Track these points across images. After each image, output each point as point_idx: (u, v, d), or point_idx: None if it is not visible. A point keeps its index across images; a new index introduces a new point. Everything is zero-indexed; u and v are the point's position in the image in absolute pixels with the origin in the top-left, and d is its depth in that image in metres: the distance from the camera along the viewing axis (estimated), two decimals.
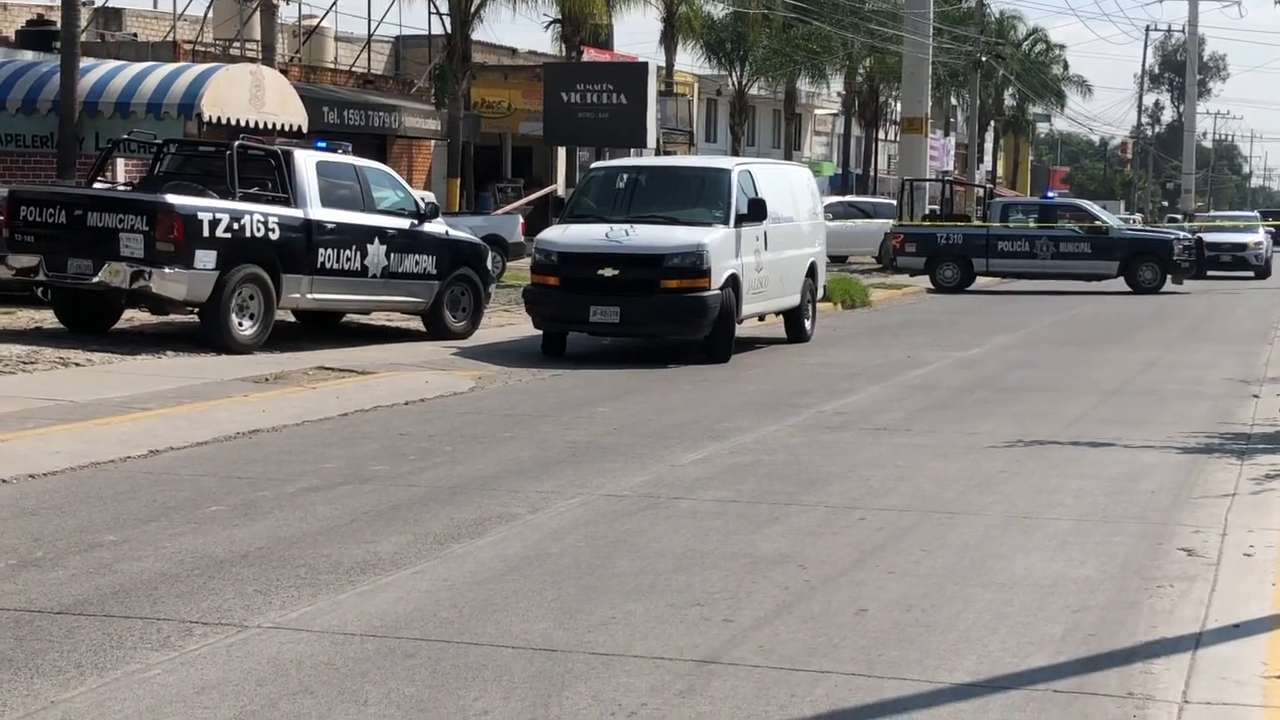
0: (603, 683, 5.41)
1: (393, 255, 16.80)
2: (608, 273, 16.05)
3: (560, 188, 37.64)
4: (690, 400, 13.40)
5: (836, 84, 59.61)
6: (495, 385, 14.20)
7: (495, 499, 8.69)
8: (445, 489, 8.96)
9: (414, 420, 11.85)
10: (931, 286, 31.23)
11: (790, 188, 19.06)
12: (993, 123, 72.77)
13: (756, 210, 16.96)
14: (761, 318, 18.88)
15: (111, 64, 23.81)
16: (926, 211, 37.14)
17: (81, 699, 5.11)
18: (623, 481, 9.31)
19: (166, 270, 14.71)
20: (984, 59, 56.83)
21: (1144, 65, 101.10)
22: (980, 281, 31.81)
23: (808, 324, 19.31)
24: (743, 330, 17.61)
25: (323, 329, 17.55)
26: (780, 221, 17.97)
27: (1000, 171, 76.88)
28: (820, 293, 20.28)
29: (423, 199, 18.30)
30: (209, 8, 32.33)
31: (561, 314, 16.42)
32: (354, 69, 34.89)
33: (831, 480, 9.49)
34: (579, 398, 13.38)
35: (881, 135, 63.95)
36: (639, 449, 10.61)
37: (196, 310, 15.35)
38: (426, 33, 37.05)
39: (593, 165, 21.70)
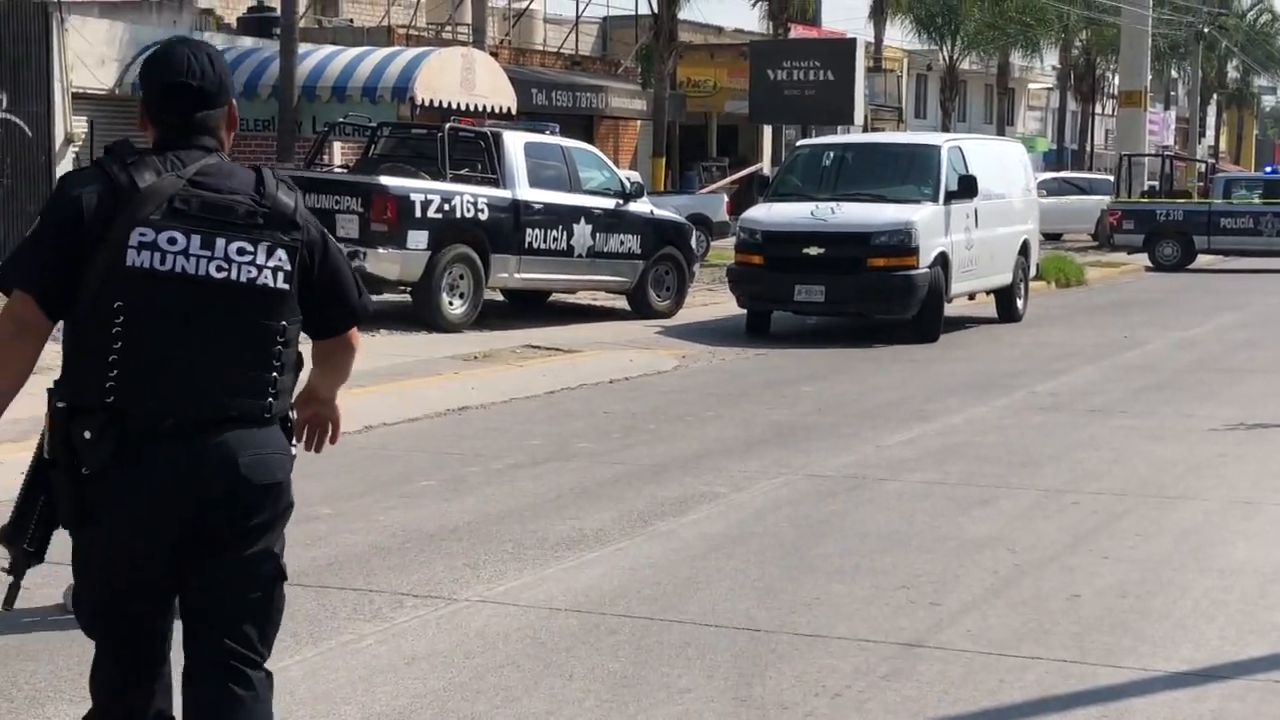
0: (806, 663, 5.37)
1: (598, 235, 16.94)
2: (813, 251, 15.93)
3: (765, 166, 37.51)
4: (897, 380, 13.24)
5: (1051, 57, 58.26)
6: (699, 364, 14.22)
7: (698, 478, 8.69)
8: (649, 467, 9.00)
9: (618, 398, 11.93)
10: (1150, 265, 30.31)
11: (1002, 164, 18.67)
12: (1215, 96, 70.33)
13: (967, 187, 16.65)
14: (971, 296, 18.55)
15: (328, 49, 24.44)
16: (1145, 188, 36.06)
17: (297, 668, 5.25)
18: (827, 462, 9.24)
19: (380, 250, 15.04)
20: (1206, 30, 54.94)
21: None
22: (1201, 260, 30.76)
23: (1019, 303, 18.91)
24: (952, 309, 17.33)
25: (530, 308, 17.77)
26: (991, 198, 17.61)
27: (1223, 146, 74.30)
28: (1033, 271, 19.85)
29: (628, 179, 18.39)
30: None
31: (766, 293, 16.35)
32: (562, 50, 35.24)
33: (1043, 463, 9.28)
34: (783, 377, 13.32)
35: (1098, 109, 62.33)
36: (844, 429, 10.52)
37: (409, 290, 15.68)
38: (633, 13, 37.23)
39: (798, 143, 21.56)
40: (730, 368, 14.06)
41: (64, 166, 19.35)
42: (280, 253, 3.31)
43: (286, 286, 3.31)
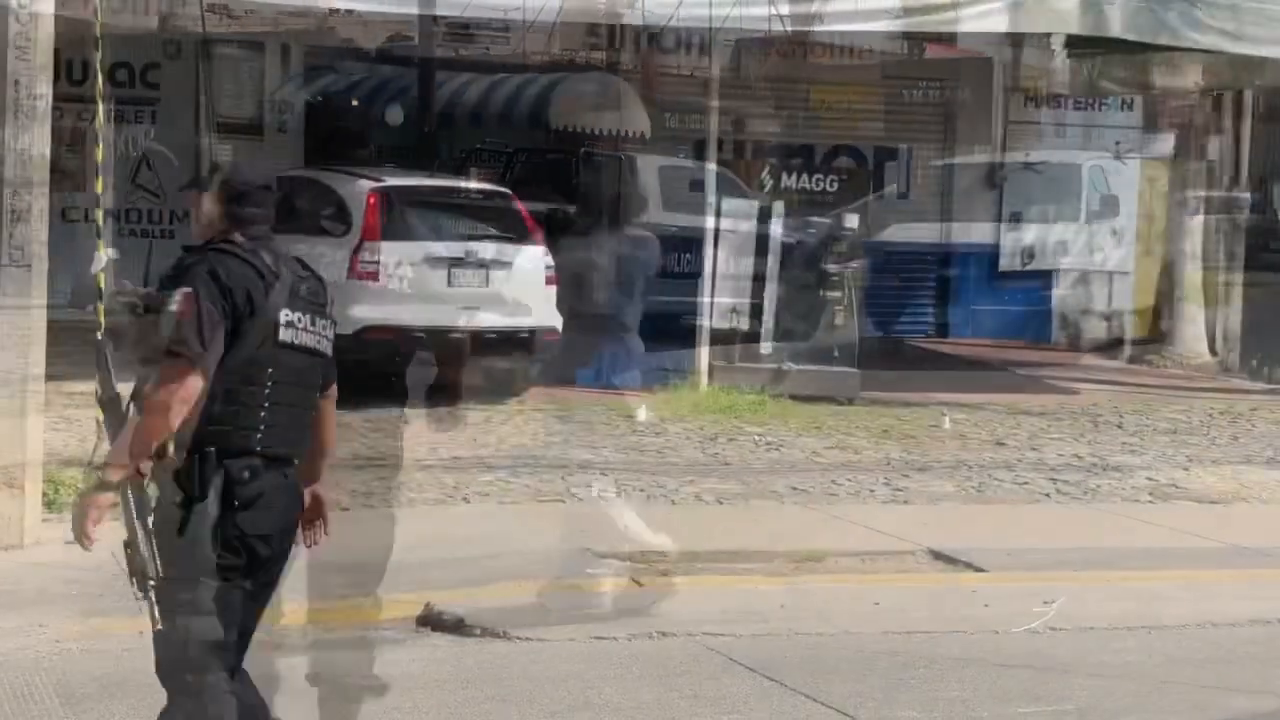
0: None
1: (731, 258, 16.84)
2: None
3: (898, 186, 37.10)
4: (1036, 404, 12.99)
5: (1194, 74, 56.99)
6: None
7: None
8: None
9: None
10: None
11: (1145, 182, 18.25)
12: None
13: (1108, 206, 16.34)
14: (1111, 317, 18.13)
15: (464, 77, 24.67)
16: None
17: None
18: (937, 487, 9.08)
19: None
20: None
21: None
22: None
23: (1164, 323, 18.35)
24: (1094, 329, 16.94)
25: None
26: (1134, 218, 17.19)
27: None
28: (1179, 290, 19.28)
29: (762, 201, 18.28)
30: (556, 21, 33.18)
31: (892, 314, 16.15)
32: (695, 74, 35.22)
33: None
34: (913, 402, 13.11)
35: (1243, 128, 60.82)
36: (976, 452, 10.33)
37: None
38: (765, 34, 37.08)
39: (931, 163, 21.32)
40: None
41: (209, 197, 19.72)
42: (328, 323, 4.29)
43: (330, 351, 4.30)
